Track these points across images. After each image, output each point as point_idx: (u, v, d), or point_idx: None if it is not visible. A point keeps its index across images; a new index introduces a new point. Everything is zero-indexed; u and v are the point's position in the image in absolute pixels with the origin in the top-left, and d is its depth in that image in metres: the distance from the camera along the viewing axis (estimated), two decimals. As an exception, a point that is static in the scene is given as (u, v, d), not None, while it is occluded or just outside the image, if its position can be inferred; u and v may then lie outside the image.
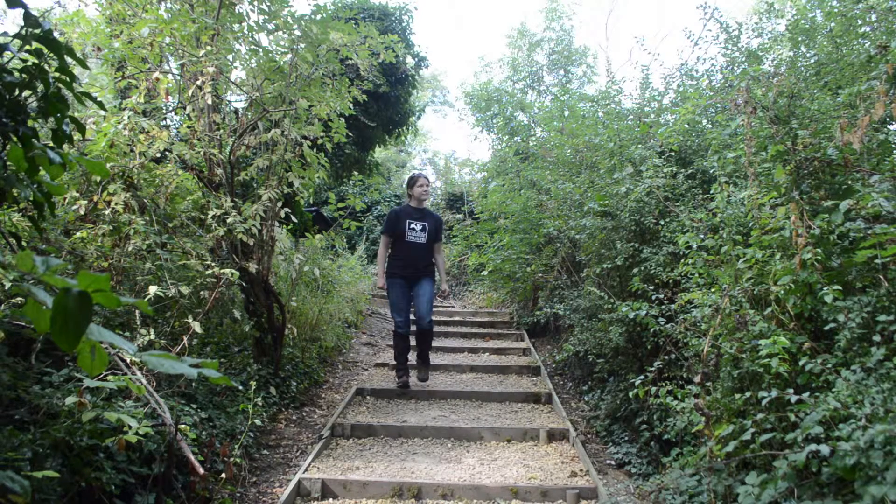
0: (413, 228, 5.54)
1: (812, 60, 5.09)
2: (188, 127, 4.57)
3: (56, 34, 1.70)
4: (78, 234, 3.61)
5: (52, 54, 1.63)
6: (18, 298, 2.85)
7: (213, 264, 4.11)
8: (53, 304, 0.73)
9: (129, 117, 3.88)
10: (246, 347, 5.10)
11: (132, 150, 3.97)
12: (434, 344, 7.74)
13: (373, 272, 14.33)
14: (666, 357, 3.63)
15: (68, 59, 1.65)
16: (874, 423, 1.95)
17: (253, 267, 4.64)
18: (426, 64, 12.07)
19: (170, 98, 4.83)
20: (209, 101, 4.36)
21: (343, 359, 7.10)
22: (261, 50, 4.59)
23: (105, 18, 4.70)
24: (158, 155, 4.27)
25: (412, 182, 5.68)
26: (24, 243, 3.15)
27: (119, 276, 3.84)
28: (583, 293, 5.38)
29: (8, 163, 1.64)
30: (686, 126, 4.88)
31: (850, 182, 2.84)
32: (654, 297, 3.70)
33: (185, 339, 3.54)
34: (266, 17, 4.42)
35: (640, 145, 5.08)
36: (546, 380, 6.14)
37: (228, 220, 4.27)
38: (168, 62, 4.79)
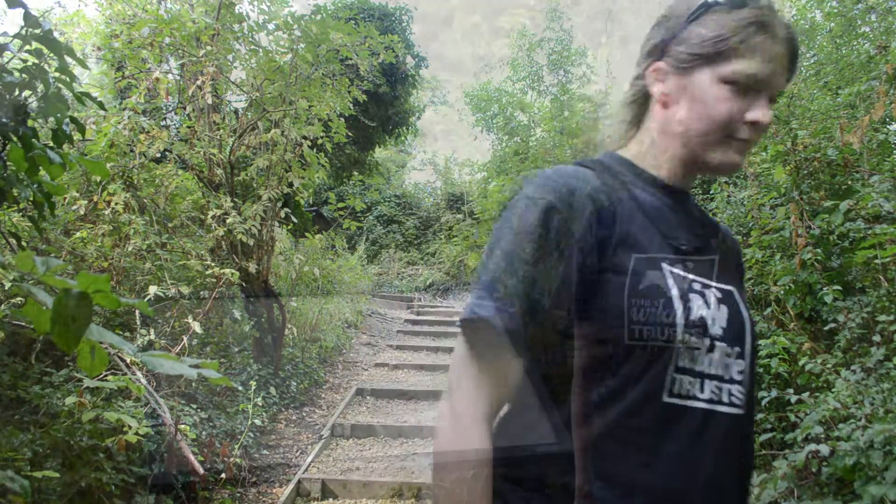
0: (700, 321, 0.70)
1: (812, 60, 5.09)
2: (188, 127, 4.57)
3: (56, 34, 1.70)
4: (78, 234, 3.61)
5: (52, 54, 1.62)
6: (18, 298, 2.85)
7: (213, 264, 4.11)
8: (53, 305, 0.73)
9: (129, 117, 3.88)
10: (246, 347, 5.10)
11: (132, 150, 3.97)
12: (434, 344, 7.75)
13: (373, 272, 13.02)
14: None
15: (68, 59, 1.65)
16: (874, 423, 1.95)
17: (253, 267, 4.64)
18: (426, 64, 12.07)
19: (170, 98, 4.83)
20: (209, 101, 4.36)
21: (343, 359, 7.10)
22: (261, 50, 4.59)
23: (105, 18, 4.70)
24: (158, 155, 4.27)
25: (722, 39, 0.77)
26: (24, 243, 3.15)
27: (119, 276, 3.83)
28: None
29: (8, 163, 1.64)
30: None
31: (850, 182, 2.84)
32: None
33: (185, 339, 3.54)
34: (266, 17, 4.43)
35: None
36: (546, 380, 6.13)
37: (228, 221, 4.27)
38: (168, 62, 4.79)
